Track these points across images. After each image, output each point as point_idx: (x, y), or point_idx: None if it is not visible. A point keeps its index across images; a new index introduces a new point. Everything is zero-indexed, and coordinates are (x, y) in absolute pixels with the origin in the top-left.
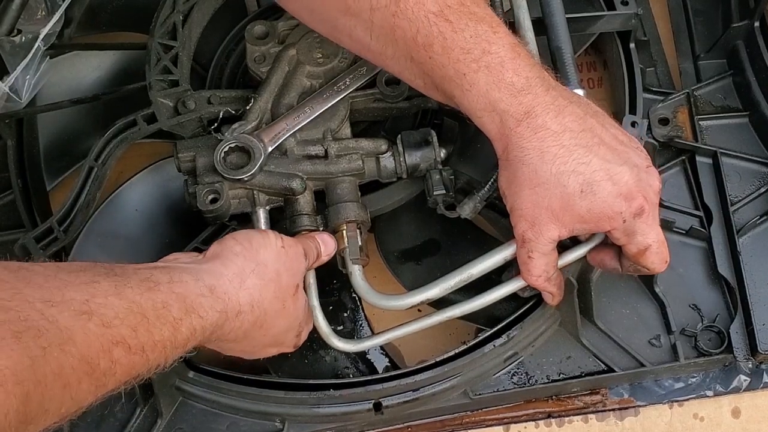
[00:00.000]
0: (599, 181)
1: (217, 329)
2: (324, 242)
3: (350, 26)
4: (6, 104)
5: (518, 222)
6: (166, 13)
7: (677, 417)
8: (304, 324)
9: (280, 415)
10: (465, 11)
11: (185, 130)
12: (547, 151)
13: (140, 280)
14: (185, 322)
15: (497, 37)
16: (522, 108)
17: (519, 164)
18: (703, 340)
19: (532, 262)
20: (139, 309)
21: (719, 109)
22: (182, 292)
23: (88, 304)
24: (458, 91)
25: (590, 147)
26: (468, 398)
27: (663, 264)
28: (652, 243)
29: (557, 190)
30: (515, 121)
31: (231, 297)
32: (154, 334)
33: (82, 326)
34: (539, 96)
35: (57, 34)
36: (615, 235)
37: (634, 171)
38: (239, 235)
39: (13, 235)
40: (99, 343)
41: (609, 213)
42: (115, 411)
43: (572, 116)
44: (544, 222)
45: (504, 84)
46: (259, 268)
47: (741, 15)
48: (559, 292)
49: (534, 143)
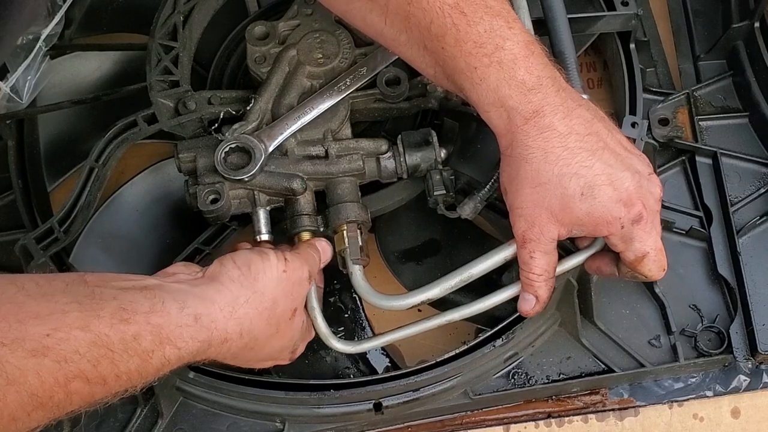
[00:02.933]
0: (600, 185)
1: (198, 355)
2: (323, 250)
3: (365, 10)
4: (7, 104)
5: (517, 221)
6: (167, 13)
7: (677, 417)
8: (300, 341)
9: (280, 415)
10: (481, 4)
11: (186, 130)
12: (551, 152)
13: (115, 309)
14: (157, 353)
15: (512, 33)
16: (531, 107)
17: (522, 162)
18: (703, 340)
19: (534, 261)
20: (105, 342)
21: (719, 110)
22: (159, 323)
23: (47, 340)
24: (468, 84)
25: (594, 151)
26: (468, 398)
27: (660, 272)
28: (650, 251)
29: (558, 191)
30: (523, 119)
31: (218, 326)
32: (119, 366)
33: (36, 364)
34: (549, 96)
35: (58, 35)
36: (613, 240)
37: (635, 177)
38: (240, 258)
39: (13, 236)
40: (53, 379)
41: (607, 218)
42: (115, 411)
43: (580, 119)
44: (544, 222)
45: (515, 81)
46: (255, 297)
47: (741, 15)
48: (547, 298)
49: (539, 142)
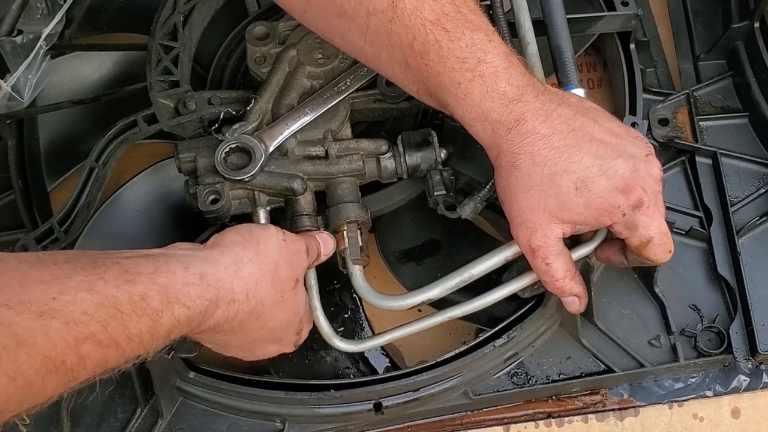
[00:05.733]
0: (593, 177)
1: (207, 318)
2: (324, 241)
3: (344, 29)
4: (8, 104)
5: (518, 229)
6: (167, 13)
7: (677, 417)
8: (305, 321)
9: (280, 415)
10: (462, 19)
11: (186, 130)
12: (537, 154)
13: (119, 272)
14: (166, 313)
15: (492, 45)
16: (513, 116)
17: (512, 169)
18: (703, 340)
19: (552, 267)
20: (113, 302)
21: (719, 110)
22: (165, 283)
23: (53, 302)
24: (452, 100)
25: (580, 146)
26: (468, 398)
27: (667, 254)
28: (654, 235)
29: (551, 191)
30: (506, 129)
31: (224, 284)
32: (130, 327)
33: (43, 326)
34: (529, 103)
35: (58, 34)
36: (616, 228)
37: (629, 162)
38: (240, 227)
39: (13, 236)
40: (63, 341)
41: (607, 207)
42: (115, 411)
43: (561, 118)
44: (544, 224)
45: (497, 94)
46: (258, 258)
47: (741, 16)
48: (584, 290)
49: (525, 148)
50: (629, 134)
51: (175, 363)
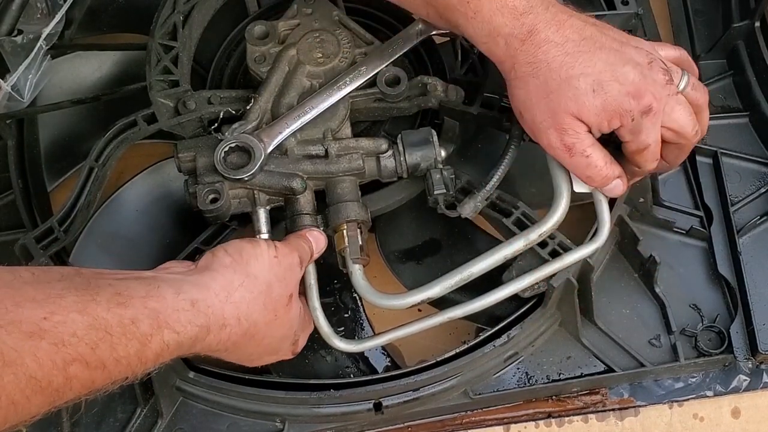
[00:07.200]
0: (608, 80)
1: (198, 342)
2: (315, 239)
3: None
4: (8, 104)
5: (549, 134)
6: (167, 13)
7: (677, 417)
8: (300, 332)
9: (280, 415)
10: None
11: (185, 130)
12: (553, 61)
13: (112, 294)
14: (156, 337)
15: None
16: (525, 28)
17: (529, 78)
18: (703, 340)
19: (592, 157)
20: (103, 325)
21: (719, 109)
22: (156, 307)
23: (44, 323)
24: (462, 19)
25: (593, 52)
26: (468, 398)
27: (654, 163)
28: (652, 143)
29: (570, 93)
30: (519, 42)
31: (215, 311)
32: (118, 350)
33: (32, 346)
34: (540, 15)
35: (58, 34)
36: (621, 132)
37: (637, 69)
38: (230, 246)
39: (13, 236)
40: (51, 362)
41: (619, 111)
42: (115, 411)
43: (572, 28)
44: (570, 122)
45: (507, 8)
46: (249, 281)
47: (741, 15)
48: (622, 171)
49: (540, 56)
50: (631, 42)
51: (175, 363)
